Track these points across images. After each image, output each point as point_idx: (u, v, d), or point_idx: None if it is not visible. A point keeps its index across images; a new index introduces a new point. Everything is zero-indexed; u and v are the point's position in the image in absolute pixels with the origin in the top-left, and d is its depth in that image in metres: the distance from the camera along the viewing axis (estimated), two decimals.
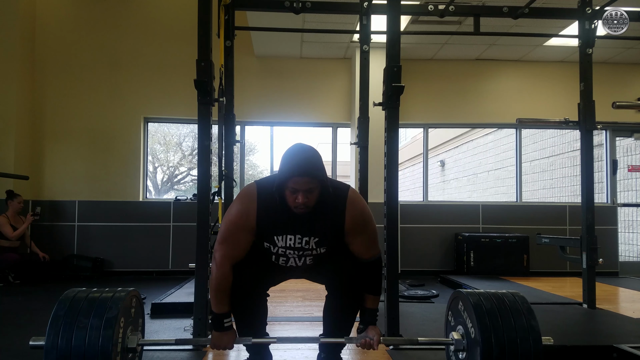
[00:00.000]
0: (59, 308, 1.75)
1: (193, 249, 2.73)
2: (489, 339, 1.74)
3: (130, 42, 6.07)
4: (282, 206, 1.87)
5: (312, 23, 5.09)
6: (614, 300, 4.43)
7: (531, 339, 1.76)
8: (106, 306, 1.74)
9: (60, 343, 1.67)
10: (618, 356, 2.54)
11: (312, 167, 1.79)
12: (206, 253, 2.73)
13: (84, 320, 1.70)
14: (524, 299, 1.90)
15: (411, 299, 4.16)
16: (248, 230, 1.91)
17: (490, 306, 1.82)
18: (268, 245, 1.96)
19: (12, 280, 5.08)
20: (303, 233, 1.93)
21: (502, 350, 1.73)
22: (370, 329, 2.00)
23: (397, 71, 2.67)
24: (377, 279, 2.02)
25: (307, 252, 1.97)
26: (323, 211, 1.90)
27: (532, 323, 1.80)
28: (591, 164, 3.86)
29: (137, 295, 1.97)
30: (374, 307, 2.03)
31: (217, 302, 1.92)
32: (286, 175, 1.79)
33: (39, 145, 5.90)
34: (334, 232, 1.94)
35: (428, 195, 6.43)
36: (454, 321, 2.03)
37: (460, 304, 1.96)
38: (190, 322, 2.89)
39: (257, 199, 1.90)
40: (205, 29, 2.74)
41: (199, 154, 2.77)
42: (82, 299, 1.78)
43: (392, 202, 2.71)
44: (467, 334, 1.89)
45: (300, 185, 1.78)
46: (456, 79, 6.36)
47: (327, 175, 1.88)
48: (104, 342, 1.66)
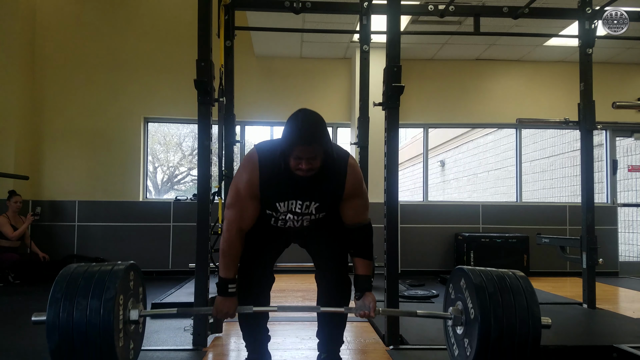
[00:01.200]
0: (56, 290, 1.74)
1: (193, 249, 2.73)
2: (488, 320, 1.73)
3: (130, 42, 6.07)
4: (285, 172, 1.88)
5: (312, 23, 5.09)
6: (614, 300, 4.43)
7: (530, 317, 1.76)
8: (104, 286, 1.72)
9: (61, 321, 1.66)
10: (618, 356, 2.54)
11: (317, 136, 1.80)
12: (206, 253, 2.73)
13: (83, 301, 1.69)
14: (525, 277, 1.89)
15: (411, 299, 4.15)
16: (252, 197, 1.93)
17: (492, 288, 1.80)
18: (270, 212, 1.98)
19: (12, 280, 5.07)
20: (304, 198, 1.95)
21: (501, 331, 1.73)
22: (366, 295, 2.00)
23: (397, 71, 2.67)
24: (369, 244, 2.05)
25: (306, 217, 1.99)
26: (325, 176, 1.92)
27: (531, 301, 1.79)
28: (591, 164, 3.86)
29: (134, 268, 1.96)
30: (368, 273, 2.04)
31: (223, 266, 1.95)
32: (290, 144, 1.79)
33: (39, 145, 5.89)
34: (334, 197, 1.96)
35: (428, 195, 6.43)
36: (455, 296, 2.03)
37: (462, 280, 1.95)
38: (190, 322, 2.89)
39: (258, 167, 1.91)
40: (205, 29, 2.74)
41: (199, 154, 2.77)
42: (79, 277, 1.77)
43: (392, 202, 2.71)
44: (466, 311, 1.88)
45: (305, 153, 1.79)
46: (456, 79, 6.36)
47: (330, 140, 1.88)
48: (104, 323, 1.66)
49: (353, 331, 3.05)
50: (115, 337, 1.69)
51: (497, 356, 1.74)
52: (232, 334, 2.97)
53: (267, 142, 2.03)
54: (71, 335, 1.66)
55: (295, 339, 2.85)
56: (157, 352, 2.56)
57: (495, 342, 1.73)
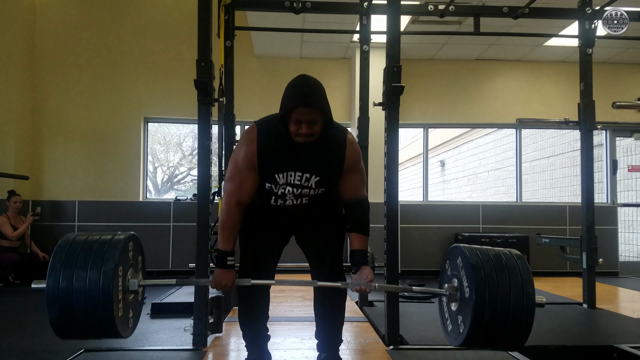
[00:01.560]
0: (55, 259, 1.74)
1: (193, 249, 2.73)
2: (482, 300, 1.75)
3: (130, 42, 6.07)
4: (284, 141, 1.88)
5: (312, 23, 5.09)
6: (614, 300, 4.43)
7: (525, 295, 1.78)
8: (103, 257, 1.73)
9: (61, 289, 1.67)
10: (618, 356, 2.55)
11: (317, 98, 1.80)
12: (206, 253, 2.73)
13: (82, 272, 1.69)
14: (521, 256, 1.91)
15: (411, 299, 4.15)
16: (251, 169, 1.93)
17: (488, 267, 1.82)
18: (270, 185, 1.95)
19: (12, 280, 5.08)
20: (304, 169, 1.93)
21: (494, 311, 1.75)
22: (362, 269, 2.00)
23: (397, 71, 2.67)
24: (366, 219, 2.05)
25: (305, 191, 1.96)
26: (326, 147, 1.91)
27: (527, 280, 1.81)
28: (591, 164, 3.86)
29: (133, 239, 1.96)
30: (363, 248, 2.04)
31: (222, 239, 1.97)
32: (290, 106, 1.79)
33: (39, 145, 5.90)
34: (334, 170, 1.95)
35: (428, 195, 6.43)
36: (451, 273, 2.05)
37: (459, 258, 1.97)
38: (190, 322, 2.89)
39: (256, 138, 1.91)
40: (205, 29, 2.74)
41: (199, 154, 2.77)
42: (78, 248, 1.77)
43: (392, 202, 2.71)
44: (461, 289, 1.90)
45: (304, 116, 1.79)
46: (456, 79, 6.36)
47: (330, 109, 1.88)
48: (103, 294, 1.66)
49: (353, 331, 3.05)
50: (114, 308, 1.70)
51: (489, 334, 1.77)
52: (232, 334, 2.97)
53: (267, 116, 2.03)
54: (71, 305, 1.66)
55: (295, 339, 2.85)
56: (157, 352, 2.56)
57: (489, 322, 1.75)
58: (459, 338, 1.86)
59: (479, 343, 1.83)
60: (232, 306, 3.66)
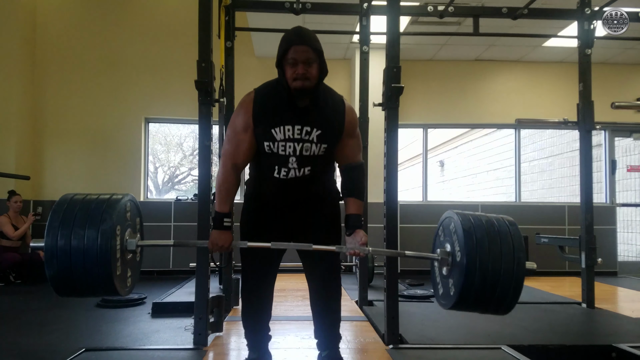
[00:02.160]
0: (54, 218, 1.74)
1: (193, 249, 2.74)
2: (473, 265, 1.77)
3: (131, 42, 6.08)
4: (281, 95, 1.91)
5: (312, 24, 5.09)
6: (612, 300, 4.45)
7: (515, 261, 1.79)
8: (101, 215, 1.73)
9: (59, 246, 1.67)
10: (617, 356, 2.56)
11: (311, 38, 1.86)
12: (206, 253, 2.74)
13: (80, 230, 1.69)
14: (513, 222, 1.92)
15: (411, 298, 4.16)
16: (247, 129, 1.94)
17: (480, 233, 1.84)
18: (268, 145, 1.94)
19: (13, 280, 5.08)
20: (303, 123, 1.93)
21: (484, 277, 1.77)
22: (356, 232, 2.01)
23: (396, 72, 2.68)
24: (362, 183, 2.08)
25: (307, 146, 1.94)
26: (325, 101, 1.95)
27: (518, 245, 1.83)
28: (590, 164, 3.87)
29: (131, 199, 1.97)
30: (358, 212, 2.06)
31: (219, 200, 1.99)
32: (285, 47, 1.84)
33: (39, 145, 5.90)
34: (334, 126, 1.97)
35: (428, 195, 6.44)
36: (443, 238, 2.07)
37: (452, 224, 1.98)
38: (190, 321, 2.90)
39: (253, 95, 1.96)
40: (205, 29, 2.75)
41: (199, 154, 2.78)
42: (76, 206, 1.77)
43: (392, 202, 2.72)
44: (453, 254, 1.92)
45: (299, 55, 1.83)
46: (456, 79, 6.37)
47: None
48: (102, 248, 1.67)
49: (353, 330, 3.06)
50: (112, 266, 1.70)
51: (479, 297, 1.80)
52: (233, 333, 2.98)
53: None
54: (69, 263, 1.67)
55: (295, 338, 2.86)
56: (158, 351, 2.57)
57: (479, 285, 1.78)
58: (450, 301, 1.88)
59: (468, 305, 1.85)
60: (232, 305, 3.67)
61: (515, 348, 2.54)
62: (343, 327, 2.27)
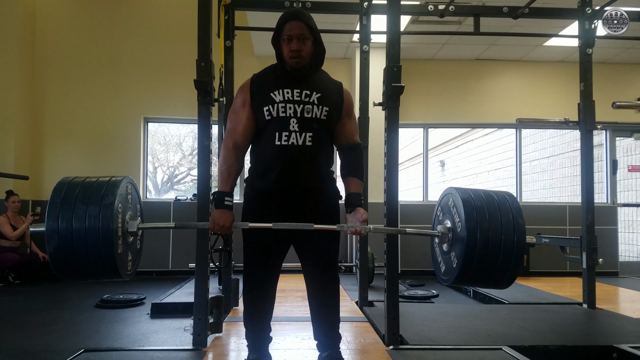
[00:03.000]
0: (55, 195, 1.73)
1: (193, 249, 2.73)
2: (474, 234, 1.75)
3: (130, 42, 6.07)
4: (277, 70, 2.02)
5: None
6: (614, 300, 4.43)
7: (515, 236, 1.77)
8: (102, 192, 1.71)
9: (60, 227, 1.65)
10: (618, 356, 2.54)
11: (305, 15, 1.94)
12: (206, 253, 2.73)
13: (82, 207, 1.67)
14: (513, 197, 1.91)
15: (411, 299, 4.16)
16: (244, 105, 2.01)
17: (479, 203, 1.82)
18: (268, 109, 1.95)
19: (12, 280, 5.08)
20: (303, 87, 1.99)
21: (486, 242, 1.74)
22: (357, 210, 2.03)
23: (397, 71, 2.67)
24: (360, 163, 2.12)
25: (308, 107, 1.96)
26: (322, 78, 2.04)
27: (518, 221, 1.81)
28: (591, 164, 3.86)
29: (131, 182, 1.97)
30: (358, 191, 2.08)
31: (220, 179, 2.02)
32: (280, 23, 1.93)
33: (39, 145, 5.90)
34: (335, 95, 2.04)
35: (428, 195, 6.43)
36: (442, 216, 2.05)
37: (451, 200, 1.96)
38: (190, 322, 2.89)
39: (252, 77, 2.06)
40: (205, 29, 2.74)
41: (199, 154, 2.77)
42: (77, 186, 1.75)
43: (392, 202, 2.71)
44: (453, 229, 1.90)
45: (294, 30, 1.91)
46: (456, 79, 6.36)
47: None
48: (104, 225, 1.65)
49: (353, 331, 3.05)
50: (114, 242, 1.68)
51: (481, 269, 1.77)
52: (232, 334, 2.97)
53: None
54: (71, 239, 1.65)
55: (295, 339, 2.85)
56: (157, 352, 2.56)
57: (481, 256, 1.75)
58: (452, 274, 1.85)
59: (471, 277, 1.82)
60: (232, 306, 3.66)
61: (516, 349, 2.53)
62: (343, 327, 2.25)
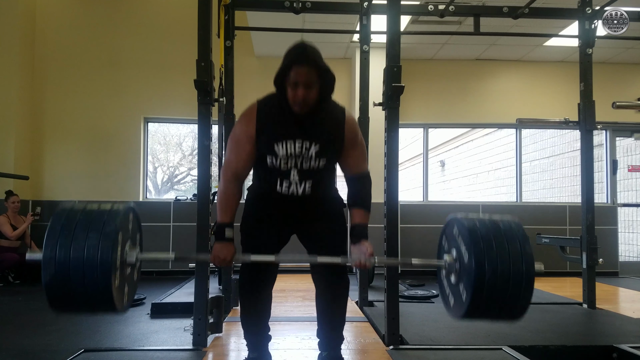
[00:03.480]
0: (55, 221, 1.71)
1: (193, 249, 2.73)
2: (481, 263, 1.73)
3: (130, 42, 6.07)
4: (283, 110, 1.92)
5: (312, 23, 5.09)
6: (614, 300, 4.43)
7: (524, 264, 1.76)
8: (103, 220, 1.70)
9: (58, 256, 1.63)
10: (618, 356, 2.55)
11: (313, 57, 1.84)
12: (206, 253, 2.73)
13: (81, 234, 1.66)
14: (519, 225, 1.89)
15: (411, 299, 4.15)
16: (249, 140, 1.94)
17: (485, 231, 1.80)
18: (270, 159, 1.95)
19: (12, 280, 5.08)
20: (304, 137, 1.93)
21: (494, 274, 1.73)
22: (362, 242, 1.99)
23: (397, 71, 2.67)
24: (368, 193, 2.06)
25: (306, 162, 1.95)
26: (324, 116, 1.95)
27: (525, 249, 1.79)
28: (591, 164, 3.86)
29: (133, 210, 1.95)
30: (364, 222, 2.04)
31: (220, 210, 1.98)
32: (286, 65, 1.83)
33: (39, 145, 5.89)
34: (333, 140, 1.97)
35: (428, 195, 6.43)
36: (448, 245, 2.04)
37: (455, 228, 1.95)
38: (190, 322, 2.89)
39: (257, 107, 1.97)
40: (205, 29, 2.74)
41: (199, 154, 2.77)
42: (78, 213, 1.74)
43: (392, 202, 2.71)
44: (460, 258, 1.88)
45: (301, 76, 1.81)
46: (456, 79, 6.36)
47: (329, 72, 1.89)
48: (103, 256, 1.62)
49: (353, 331, 3.05)
50: (112, 274, 1.66)
51: (491, 299, 1.75)
52: (232, 334, 2.97)
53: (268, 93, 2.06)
54: (67, 269, 1.62)
55: (295, 339, 2.85)
56: (157, 352, 2.56)
57: (490, 283, 1.72)
58: (462, 307, 1.82)
59: (482, 310, 1.79)
60: (232, 306, 3.66)
61: (516, 349, 2.53)
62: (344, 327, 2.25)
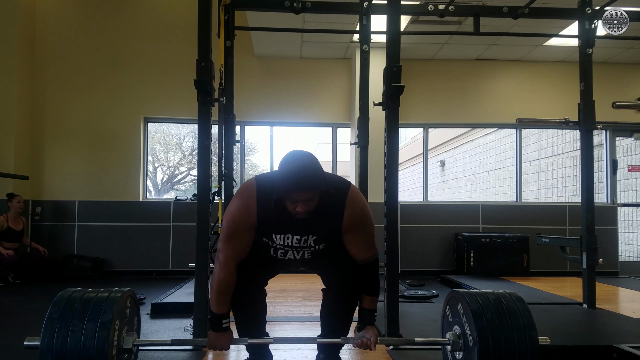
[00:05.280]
0: (54, 310, 1.74)
1: (193, 249, 2.73)
2: (486, 341, 1.75)
3: (130, 42, 6.07)
4: (282, 210, 1.84)
5: (312, 23, 5.09)
6: (614, 300, 4.43)
7: (528, 339, 1.77)
8: (101, 308, 1.73)
9: (55, 345, 1.66)
10: (618, 356, 2.54)
11: (311, 179, 1.73)
12: (206, 253, 2.73)
13: (79, 323, 1.69)
14: (520, 298, 1.91)
15: (411, 299, 4.15)
16: (249, 227, 1.89)
17: (487, 307, 1.82)
18: (267, 240, 1.95)
19: (12, 280, 5.08)
20: (302, 233, 1.93)
21: (499, 351, 1.74)
22: (368, 329, 1.99)
23: (397, 71, 2.67)
24: (374, 280, 2.01)
25: (306, 248, 1.97)
26: (322, 212, 1.86)
27: (529, 323, 1.80)
28: (591, 164, 3.86)
29: (132, 295, 1.96)
30: (372, 307, 2.02)
31: (217, 302, 1.91)
32: (285, 190, 1.74)
33: (39, 145, 5.89)
34: (331, 231, 1.93)
35: (428, 195, 6.43)
36: (452, 320, 2.04)
37: (459, 305, 1.96)
38: (190, 322, 2.89)
39: (256, 197, 1.87)
40: (205, 29, 2.74)
41: (199, 154, 2.77)
42: (76, 300, 1.77)
43: (392, 202, 2.71)
44: (464, 335, 1.89)
45: (301, 197, 1.75)
46: (456, 79, 6.36)
47: (326, 177, 1.82)
48: (99, 345, 1.65)
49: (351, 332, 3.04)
50: None
51: None
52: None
53: (267, 175, 1.96)
54: (64, 358, 1.66)
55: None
56: (157, 352, 2.56)
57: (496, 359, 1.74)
58: None
59: None
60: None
61: None
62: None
